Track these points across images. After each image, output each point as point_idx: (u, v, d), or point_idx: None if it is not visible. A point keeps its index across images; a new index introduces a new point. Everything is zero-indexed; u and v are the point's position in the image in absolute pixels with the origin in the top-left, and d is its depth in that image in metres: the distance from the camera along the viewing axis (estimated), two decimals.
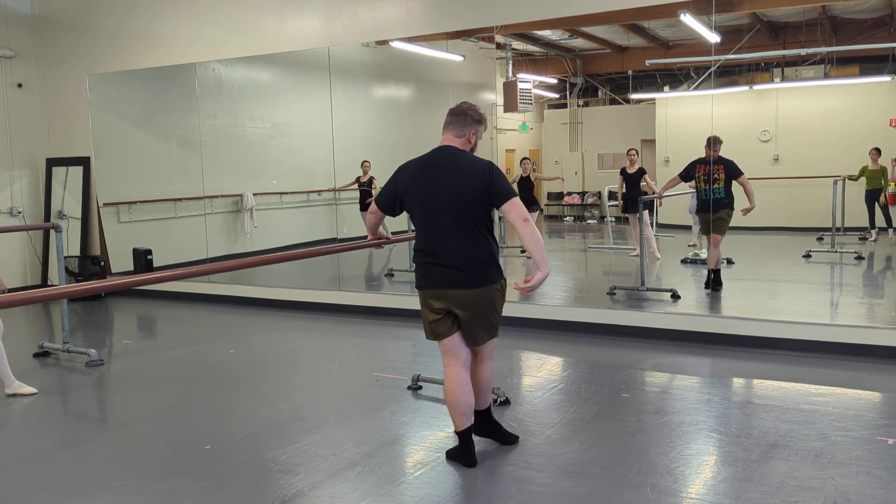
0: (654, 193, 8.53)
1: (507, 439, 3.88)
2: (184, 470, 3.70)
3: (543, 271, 3.40)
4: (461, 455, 3.63)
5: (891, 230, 9.11)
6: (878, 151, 8.89)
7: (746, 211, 7.16)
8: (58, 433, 4.39)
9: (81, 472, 3.72)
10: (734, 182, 7.20)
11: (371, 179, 9.47)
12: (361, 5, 7.49)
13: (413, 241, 3.74)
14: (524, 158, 10.07)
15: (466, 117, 3.58)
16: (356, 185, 9.45)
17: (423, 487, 3.41)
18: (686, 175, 7.46)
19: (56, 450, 4.08)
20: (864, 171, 8.93)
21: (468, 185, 3.43)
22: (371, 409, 4.58)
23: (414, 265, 3.64)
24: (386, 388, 4.96)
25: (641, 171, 9.03)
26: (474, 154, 3.64)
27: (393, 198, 3.62)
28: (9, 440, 4.28)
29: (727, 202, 7.23)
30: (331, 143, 8.31)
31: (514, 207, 3.43)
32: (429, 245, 3.53)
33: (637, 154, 9.19)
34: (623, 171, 9.14)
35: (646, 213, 8.21)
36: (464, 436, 3.61)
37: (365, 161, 9.40)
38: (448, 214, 3.45)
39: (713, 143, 7.18)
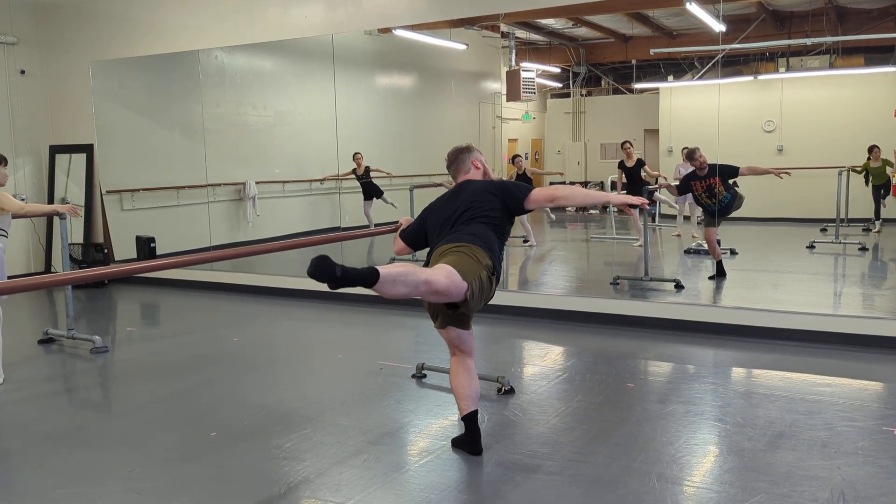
0: (657, 180, 8.50)
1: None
2: (189, 456, 3.71)
3: (615, 197, 3.70)
4: (467, 443, 3.62)
5: (877, 222, 9.12)
6: (878, 149, 8.89)
7: (780, 172, 7.17)
8: (63, 420, 4.40)
9: (87, 458, 3.72)
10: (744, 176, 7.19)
11: (367, 169, 9.40)
12: None
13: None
14: (515, 156, 9.98)
15: (458, 159, 3.78)
16: (353, 177, 9.39)
17: (429, 475, 3.41)
18: (683, 189, 7.41)
19: (62, 436, 4.08)
20: (866, 168, 8.93)
21: (479, 196, 3.57)
22: (376, 397, 4.58)
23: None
24: (390, 377, 4.96)
25: (640, 163, 9.00)
26: (489, 172, 3.84)
27: (417, 230, 3.76)
28: (14, 427, 4.29)
29: (735, 196, 7.20)
30: (333, 132, 8.28)
31: (540, 193, 3.59)
32: (434, 242, 3.59)
33: (632, 146, 9.12)
34: (622, 165, 9.11)
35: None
36: (469, 420, 3.60)
37: (357, 153, 9.31)
38: (456, 221, 3.51)
39: (693, 154, 7.13)
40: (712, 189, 7.10)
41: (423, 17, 7.31)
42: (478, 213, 3.50)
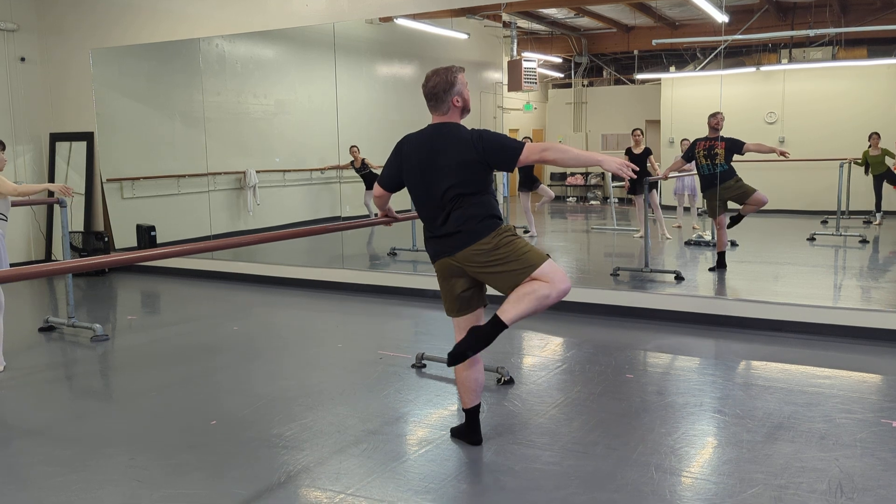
0: (657, 174, 8.50)
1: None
2: (190, 445, 3.72)
3: (608, 161, 3.29)
4: (467, 433, 3.63)
5: (878, 214, 9.11)
6: (878, 136, 8.84)
7: (783, 153, 7.20)
8: (64, 407, 4.41)
9: (88, 446, 3.74)
10: (746, 155, 7.22)
11: (363, 161, 9.38)
12: None
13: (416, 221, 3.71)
14: (525, 138, 10.02)
15: (436, 98, 3.41)
16: (351, 167, 9.37)
17: (428, 465, 3.43)
18: (688, 156, 7.46)
19: (62, 424, 4.10)
20: (866, 156, 8.91)
21: (457, 159, 3.34)
22: (375, 386, 4.59)
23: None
24: (390, 366, 4.97)
25: (647, 152, 8.99)
26: (468, 103, 3.48)
27: (394, 174, 3.57)
28: (15, 414, 4.30)
29: (731, 173, 7.22)
30: (334, 121, 8.27)
31: (529, 153, 3.31)
32: (428, 221, 3.50)
33: (642, 134, 9.14)
34: (628, 152, 9.10)
35: (653, 192, 8.20)
36: (471, 413, 3.61)
37: (353, 146, 9.29)
38: (439, 193, 3.38)
39: (716, 114, 7.24)
40: (712, 150, 7.15)
41: (424, 7, 7.29)
42: (467, 190, 3.34)
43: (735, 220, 7.26)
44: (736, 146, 7.16)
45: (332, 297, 7.48)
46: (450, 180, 3.35)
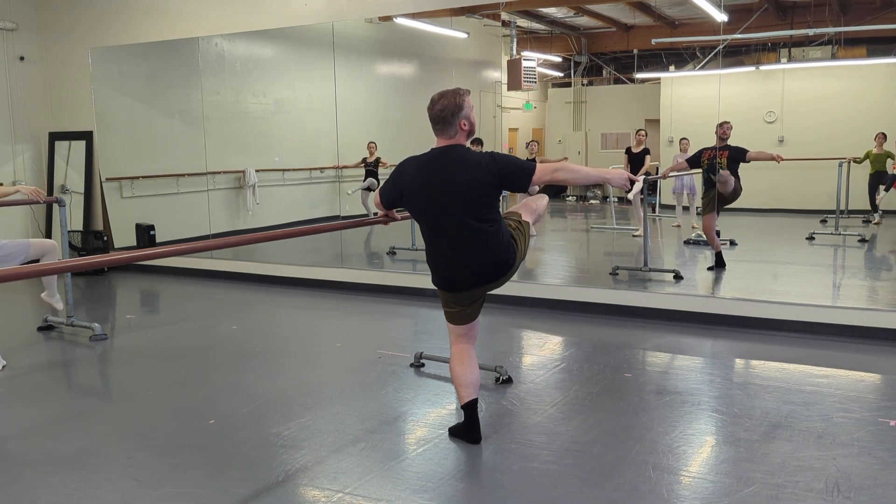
0: (657, 169, 8.53)
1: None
2: (188, 444, 3.72)
3: (615, 176, 3.45)
4: (465, 431, 3.64)
5: (877, 213, 9.12)
6: (884, 136, 8.86)
7: (780, 158, 7.26)
8: (62, 406, 4.41)
9: (86, 445, 3.74)
10: (751, 163, 7.28)
11: (378, 160, 9.43)
12: None
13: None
14: (532, 141, 10.03)
15: (444, 121, 3.39)
16: (363, 165, 9.42)
17: (426, 464, 3.43)
18: (694, 161, 7.54)
19: (61, 423, 4.10)
20: (868, 155, 8.92)
21: (470, 182, 3.35)
22: (374, 385, 4.59)
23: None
24: (388, 365, 4.97)
25: (646, 151, 9.00)
26: (474, 126, 3.47)
27: (395, 196, 3.61)
28: (13, 413, 4.30)
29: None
30: (333, 120, 8.27)
31: (541, 174, 3.36)
32: (436, 248, 3.52)
33: (645, 135, 9.16)
34: (628, 151, 9.12)
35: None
36: (468, 408, 3.62)
37: (371, 142, 9.35)
38: (452, 219, 3.39)
39: (723, 124, 7.31)
40: (714, 160, 7.26)
41: (424, 6, 7.28)
42: (482, 217, 3.36)
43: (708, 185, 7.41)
44: (739, 154, 7.23)
45: (332, 296, 7.48)
46: (465, 208, 3.36)
